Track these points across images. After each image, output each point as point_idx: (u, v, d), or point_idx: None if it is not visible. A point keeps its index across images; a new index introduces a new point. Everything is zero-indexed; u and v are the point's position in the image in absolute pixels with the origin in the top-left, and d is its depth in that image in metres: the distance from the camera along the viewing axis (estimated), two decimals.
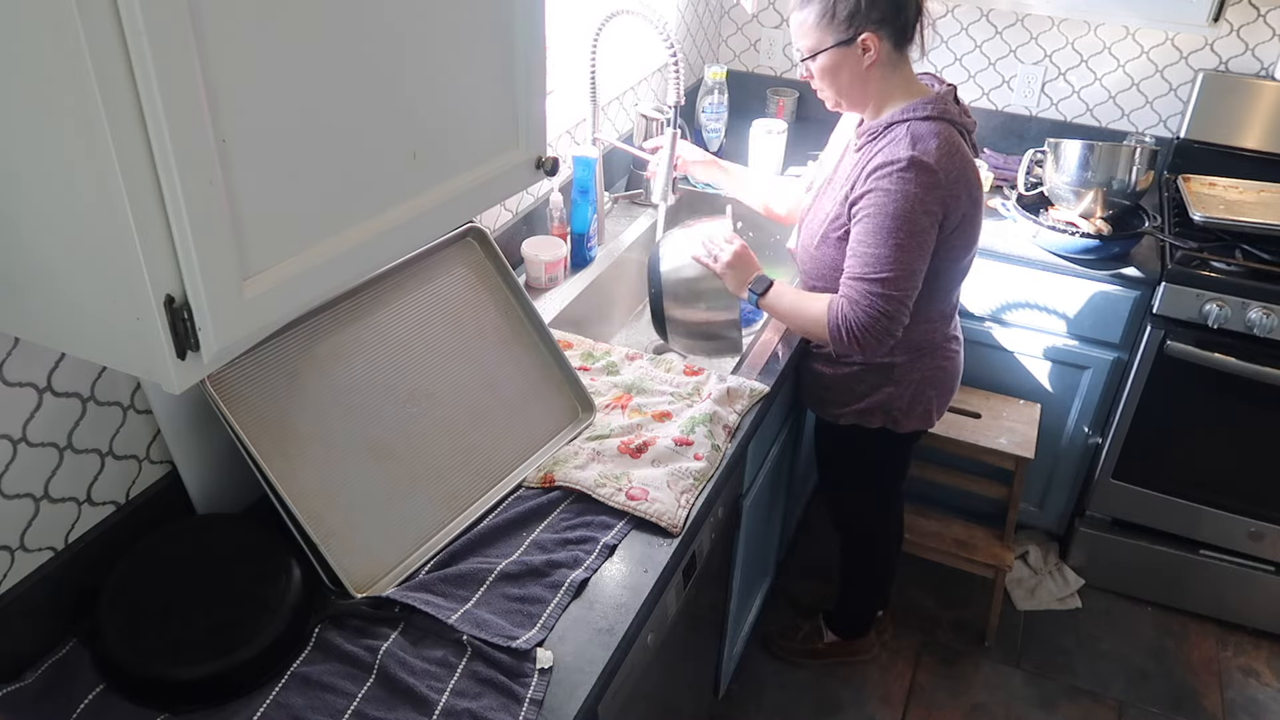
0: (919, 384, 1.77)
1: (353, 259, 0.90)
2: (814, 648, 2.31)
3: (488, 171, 1.07)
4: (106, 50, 0.64)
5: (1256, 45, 2.43)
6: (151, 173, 0.69)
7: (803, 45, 1.60)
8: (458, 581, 1.24)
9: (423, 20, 0.91)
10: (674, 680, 1.67)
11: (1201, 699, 2.29)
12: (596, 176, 1.99)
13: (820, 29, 1.55)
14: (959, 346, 1.84)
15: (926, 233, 1.53)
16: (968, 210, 1.58)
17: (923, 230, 1.52)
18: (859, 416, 1.82)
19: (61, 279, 0.77)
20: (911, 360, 1.75)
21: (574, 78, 2.13)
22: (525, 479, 1.42)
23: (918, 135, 1.53)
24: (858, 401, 1.80)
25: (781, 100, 2.80)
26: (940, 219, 1.54)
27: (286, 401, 1.23)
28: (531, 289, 1.90)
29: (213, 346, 0.77)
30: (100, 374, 1.12)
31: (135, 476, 1.21)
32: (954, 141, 1.54)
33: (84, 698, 1.05)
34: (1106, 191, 2.19)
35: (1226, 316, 2.11)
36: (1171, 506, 2.39)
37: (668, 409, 1.56)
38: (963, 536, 2.37)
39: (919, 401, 1.79)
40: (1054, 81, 2.64)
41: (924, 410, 1.81)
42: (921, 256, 1.54)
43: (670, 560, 1.31)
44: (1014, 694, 2.28)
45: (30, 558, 1.09)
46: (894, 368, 1.76)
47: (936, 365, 1.78)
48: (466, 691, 1.09)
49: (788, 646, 2.32)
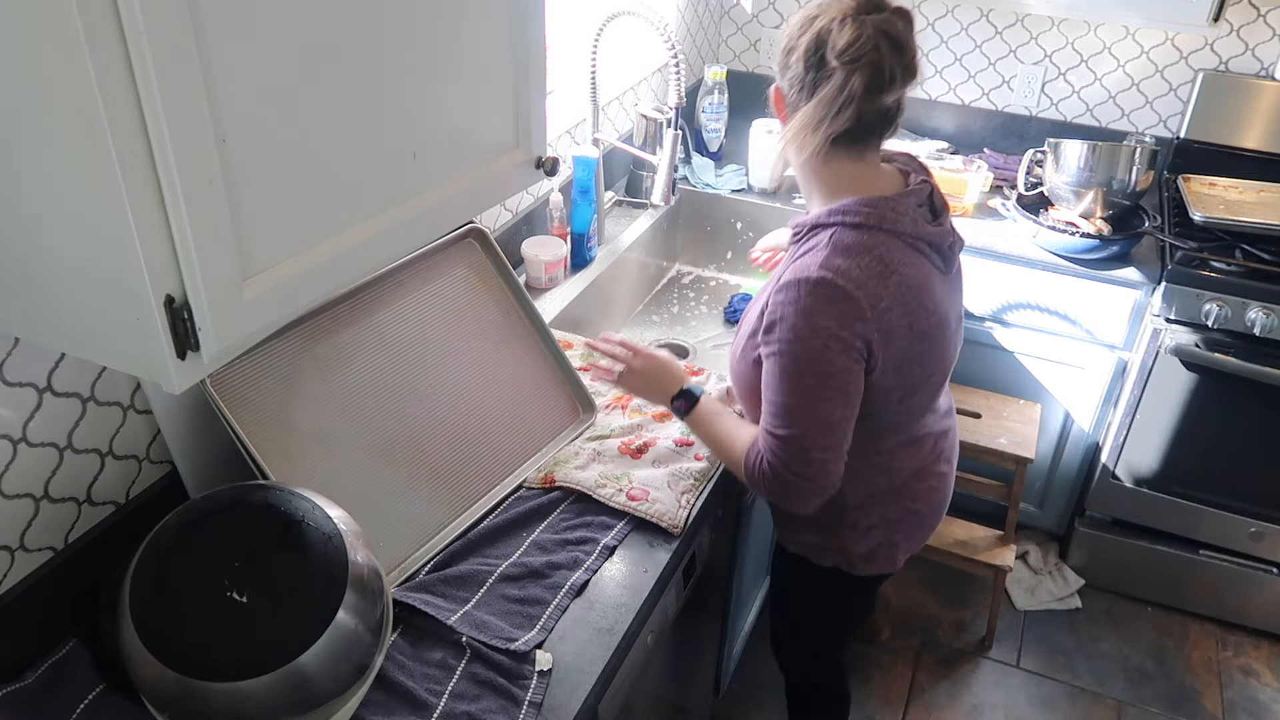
0: (881, 529, 1.45)
1: (353, 259, 0.90)
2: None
3: (488, 171, 1.07)
4: (106, 50, 0.64)
5: (1256, 45, 2.43)
6: (151, 173, 0.69)
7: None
8: (457, 582, 1.24)
9: (423, 20, 0.91)
10: (674, 680, 1.67)
11: (1201, 699, 2.29)
12: (596, 176, 1.99)
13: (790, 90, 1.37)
14: (939, 481, 1.47)
15: (847, 373, 1.22)
16: (911, 346, 1.27)
17: (841, 372, 1.22)
18: (809, 551, 1.50)
19: (61, 279, 0.77)
20: (868, 504, 1.42)
21: (574, 78, 2.13)
22: (526, 479, 1.42)
23: (839, 247, 1.22)
24: (808, 534, 1.48)
25: None
26: (864, 354, 1.23)
27: (286, 401, 1.23)
28: (531, 289, 1.90)
29: (213, 346, 0.77)
30: (100, 374, 1.12)
31: (135, 476, 1.21)
32: (887, 261, 1.22)
33: (84, 698, 1.05)
34: (1106, 191, 2.19)
35: (1226, 316, 2.11)
36: (1171, 506, 2.39)
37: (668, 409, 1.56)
38: (963, 536, 2.37)
39: (882, 548, 1.46)
40: (1054, 81, 2.64)
41: (887, 556, 1.48)
42: (842, 402, 1.23)
43: (670, 560, 1.31)
44: (1014, 694, 2.28)
45: (30, 558, 1.09)
46: (846, 510, 1.42)
47: (904, 508, 1.44)
48: (465, 694, 1.09)
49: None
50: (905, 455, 1.42)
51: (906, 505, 1.45)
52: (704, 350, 2.10)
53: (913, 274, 1.25)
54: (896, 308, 1.23)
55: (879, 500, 1.43)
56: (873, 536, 1.45)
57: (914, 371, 1.31)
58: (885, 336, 1.23)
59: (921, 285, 1.27)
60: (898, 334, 1.24)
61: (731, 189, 2.43)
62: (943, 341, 1.33)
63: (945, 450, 1.48)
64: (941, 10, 2.65)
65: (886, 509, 1.44)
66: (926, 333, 1.28)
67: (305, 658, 0.93)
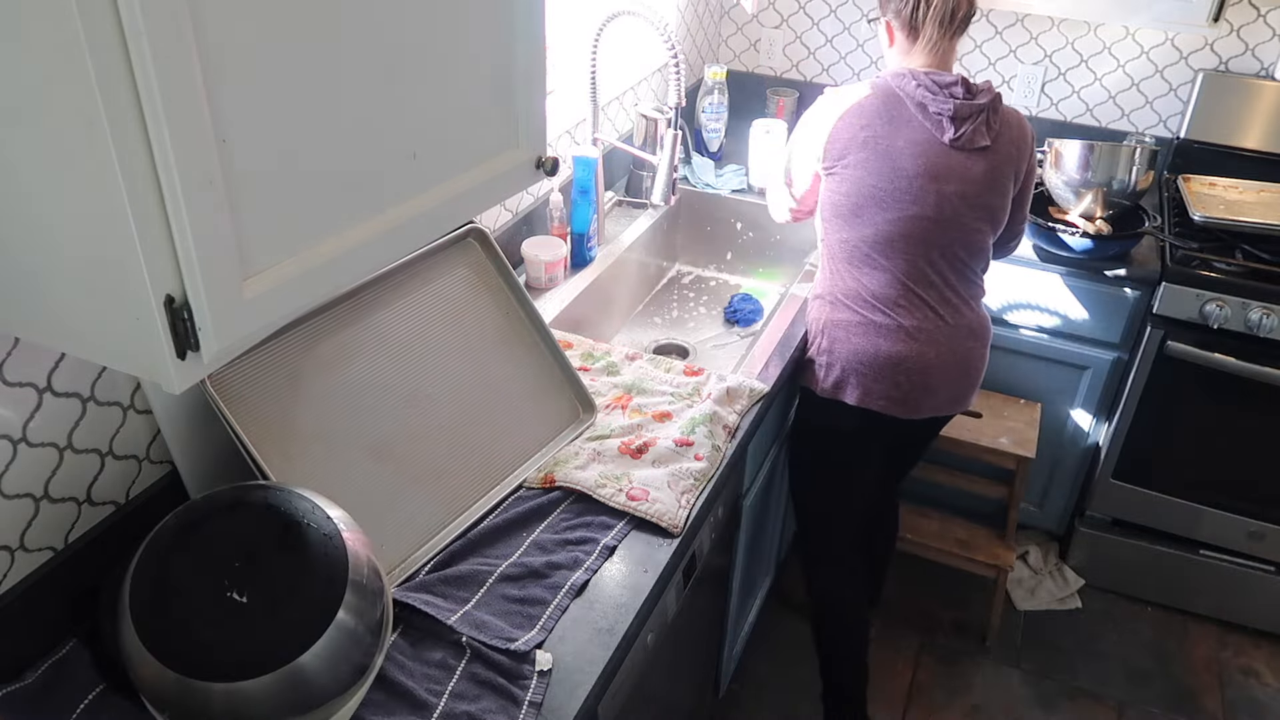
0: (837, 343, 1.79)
1: (353, 259, 0.90)
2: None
3: (488, 171, 1.07)
4: (106, 50, 0.64)
5: (1256, 45, 2.43)
6: (151, 173, 0.69)
7: None
8: (458, 582, 1.24)
9: (423, 20, 0.91)
10: (674, 680, 1.67)
11: (1201, 699, 2.29)
12: (596, 176, 1.99)
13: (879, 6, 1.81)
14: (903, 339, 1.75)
15: (807, 144, 1.78)
16: (856, 154, 1.70)
17: (806, 140, 1.79)
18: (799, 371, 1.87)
19: (61, 279, 0.77)
20: (828, 303, 1.81)
21: (574, 78, 2.13)
22: (526, 479, 1.42)
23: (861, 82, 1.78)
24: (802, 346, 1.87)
25: (781, 100, 2.80)
26: (821, 142, 1.74)
27: (287, 402, 1.23)
28: (531, 289, 1.90)
29: (213, 346, 0.77)
30: (100, 374, 1.12)
31: (135, 476, 1.21)
32: (876, 100, 1.71)
33: (84, 698, 1.05)
34: (1106, 191, 2.19)
35: (1226, 316, 2.10)
36: (1171, 506, 2.39)
37: (668, 409, 1.56)
38: (963, 536, 2.37)
39: (834, 360, 1.80)
40: (1054, 81, 2.64)
41: (839, 376, 1.80)
42: (802, 161, 1.81)
43: (670, 560, 1.31)
44: (1014, 694, 2.28)
45: (30, 558, 1.09)
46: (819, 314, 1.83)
47: (859, 334, 1.77)
48: (465, 694, 1.09)
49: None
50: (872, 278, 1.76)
51: (862, 333, 1.77)
52: (704, 350, 2.10)
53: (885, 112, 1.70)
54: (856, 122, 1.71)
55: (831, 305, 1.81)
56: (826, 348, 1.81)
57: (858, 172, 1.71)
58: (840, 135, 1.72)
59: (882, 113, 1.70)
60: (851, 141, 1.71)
61: (731, 189, 2.43)
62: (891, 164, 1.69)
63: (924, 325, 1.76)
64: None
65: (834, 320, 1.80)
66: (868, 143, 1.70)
67: (305, 658, 0.92)
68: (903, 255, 1.73)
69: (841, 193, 1.73)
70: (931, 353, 1.77)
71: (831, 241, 1.79)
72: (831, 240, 1.79)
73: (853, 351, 1.78)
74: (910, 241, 1.71)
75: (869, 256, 1.74)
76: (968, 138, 1.69)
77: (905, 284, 1.74)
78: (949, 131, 1.67)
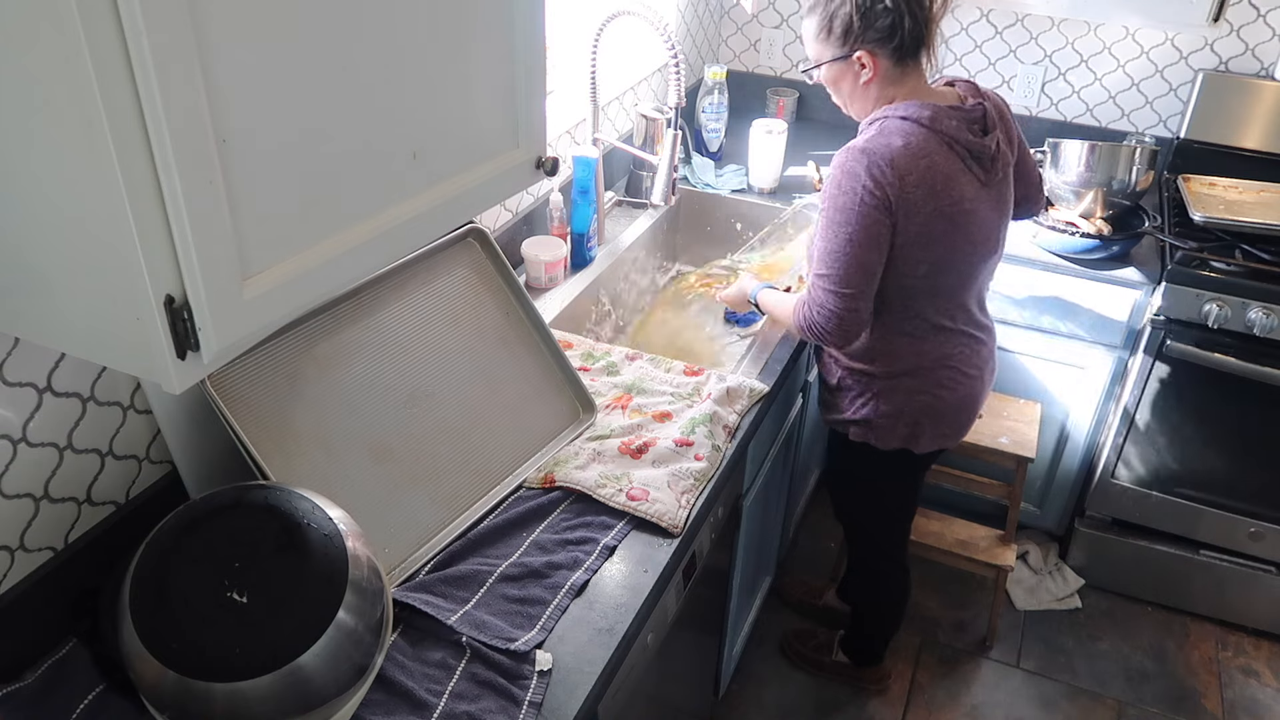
0: (902, 404, 1.69)
1: (353, 259, 0.90)
2: (821, 660, 2.29)
3: (488, 171, 1.07)
4: (107, 50, 0.64)
5: (1256, 45, 2.43)
6: (151, 173, 0.69)
7: (808, 54, 1.61)
8: (457, 582, 1.24)
9: (423, 20, 0.91)
10: (674, 680, 1.67)
11: (1201, 699, 2.29)
12: (596, 176, 1.99)
13: (819, 43, 1.56)
14: (963, 379, 1.69)
15: (878, 224, 1.47)
16: (933, 224, 1.50)
17: (872, 223, 1.47)
18: (846, 425, 1.77)
19: (61, 279, 0.77)
20: (892, 375, 1.67)
21: (574, 78, 2.13)
22: (526, 479, 1.42)
23: (886, 130, 1.49)
24: (843, 411, 1.76)
25: (781, 100, 2.80)
26: (894, 216, 1.48)
27: (287, 402, 1.23)
28: (531, 289, 1.90)
29: (213, 346, 0.77)
30: (100, 374, 1.12)
31: (135, 476, 1.21)
32: (924, 147, 1.47)
33: (84, 698, 1.05)
34: (1106, 191, 2.19)
35: (1226, 316, 2.10)
36: (1171, 506, 2.39)
37: (668, 409, 1.56)
38: (963, 536, 2.37)
39: (901, 422, 1.71)
40: (1054, 81, 2.64)
41: (908, 433, 1.72)
42: (873, 248, 1.49)
43: (670, 560, 1.31)
44: (1014, 694, 2.28)
45: (30, 558, 1.09)
46: (875, 379, 1.69)
47: (928, 391, 1.68)
48: (465, 694, 1.09)
49: (798, 650, 2.32)
50: (933, 343, 1.65)
51: (931, 391, 1.68)
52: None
53: (943, 163, 1.48)
54: (923, 185, 1.47)
55: (904, 375, 1.67)
56: (895, 411, 1.69)
57: (936, 250, 1.53)
58: (909, 206, 1.47)
59: (950, 175, 1.49)
60: (922, 208, 1.48)
61: (731, 189, 2.43)
62: (968, 231, 1.55)
63: (974, 358, 1.70)
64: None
65: (910, 386, 1.67)
66: (949, 215, 1.50)
67: (305, 658, 0.92)
68: (961, 308, 1.65)
69: (918, 275, 1.55)
70: (985, 376, 1.76)
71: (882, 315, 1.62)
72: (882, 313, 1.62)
73: (921, 408, 1.69)
74: (968, 289, 1.64)
75: (937, 328, 1.64)
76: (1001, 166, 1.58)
77: (967, 331, 1.68)
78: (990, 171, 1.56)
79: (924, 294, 1.60)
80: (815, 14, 1.54)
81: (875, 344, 1.66)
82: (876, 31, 1.49)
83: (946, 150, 1.49)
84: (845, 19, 1.49)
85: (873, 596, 2.13)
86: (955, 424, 1.75)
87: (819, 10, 1.53)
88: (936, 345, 1.66)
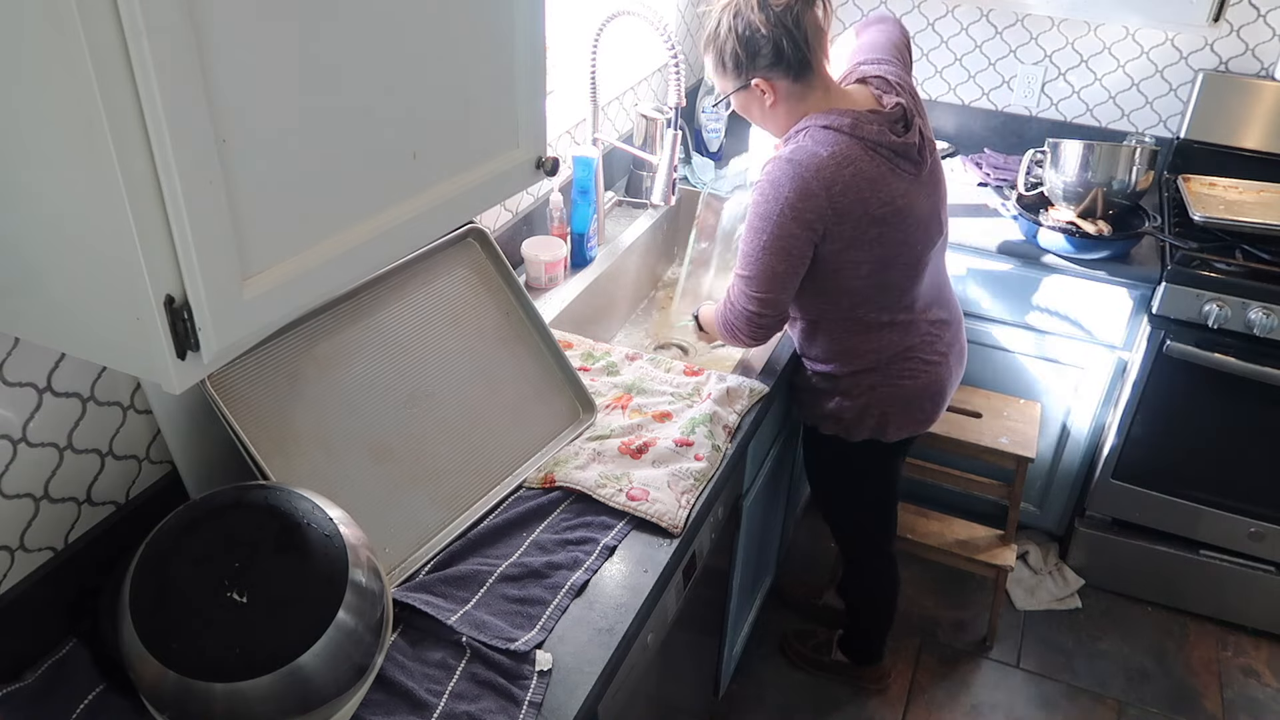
0: (868, 399, 1.72)
1: (353, 259, 0.90)
2: (821, 660, 2.29)
3: (488, 171, 1.07)
4: (106, 50, 0.64)
5: (1256, 45, 2.43)
6: (151, 173, 0.69)
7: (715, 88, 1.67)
8: (458, 582, 1.24)
9: (423, 20, 0.91)
10: (674, 680, 1.67)
11: (1201, 699, 2.29)
12: (596, 176, 1.99)
13: (720, 78, 1.60)
14: (926, 368, 1.72)
15: (791, 237, 1.50)
16: (865, 228, 1.52)
17: (787, 235, 1.50)
18: (817, 420, 1.81)
19: (61, 279, 0.77)
20: (854, 373, 1.71)
21: (574, 78, 2.13)
22: (525, 479, 1.42)
23: (810, 139, 1.50)
24: (817, 408, 1.79)
25: None
26: (818, 230, 1.50)
27: (287, 402, 1.23)
28: (531, 289, 1.90)
29: (213, 346, 0.77)
30: (100, 374, 1.12)
31: (135, 476, 1.21)
32: (848, 154, 1.48)
33: (84, 698, 1.05)
34: (1106, 191, 2.19)
35: (1226, 316, 2.10)
36: (1171, 506, 2.39)
37: (668, 409, 1.56)
38: (963, 536, 2.37)
39: (868, 415, 1.74)
40: (1054, 81, 2.64)
41: (876, 424, 1.75)
42: (783, 258, 1.52)
43: (670, 560, 1.31)
44: (1014, 694, 2.28)
45: (30, 558, 1.09)
46: (838, 379, 1.73)
47: (890, 383, 1.71)
48: (465, 694, 1.09)
49: (798, 650, 2.32)
50: (891, 337, 1.68)
51: (894, 382, 1.71)
52: (703, 350, 2.10)
53: (868, 168, 1.50)
54: (850, 193, 1.49)
55: (867, 371, 1.70)
56: (861, 405, 1.72)
57: (875, 250, 1.55)
58: (838, 214, 1.50)
59: (876, 179, 1.51)
60: (851, 213, 1.50)
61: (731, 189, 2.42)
62: (904, 229, 1.57)
63: (936, 344, 1.73)
64: (941, 10, 2.65)
65: (874, 380, 1.71)
66: (881, 218, 1.53)
67: (305, 658, 0.92)
68: (915, 300, 1.67)
69: (861, 276, 1.59)
70: (951, 361, 1.77)
71: (834, 318, 1.67)
72: (834, 317, 1.67)
73: (885, 399, 1.73)
74: (917, 281, 1.66)
75: (890, 323, 1.67)
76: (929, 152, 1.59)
77: (924, 319, 1.70)
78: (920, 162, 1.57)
79: (872, 293, 1.63)
80: (709, 52, 1.58)
81: (832, 346, 1.70)
82: (764, 59, 1.51)
83: (871, 155, 1.50)
84: (733, 53, 1.53)
85: (864, 591, 2.14)
86: (923, 411, 1.77)
87: (711, 48, 1.57)
88: (893, 340, 1.68)
